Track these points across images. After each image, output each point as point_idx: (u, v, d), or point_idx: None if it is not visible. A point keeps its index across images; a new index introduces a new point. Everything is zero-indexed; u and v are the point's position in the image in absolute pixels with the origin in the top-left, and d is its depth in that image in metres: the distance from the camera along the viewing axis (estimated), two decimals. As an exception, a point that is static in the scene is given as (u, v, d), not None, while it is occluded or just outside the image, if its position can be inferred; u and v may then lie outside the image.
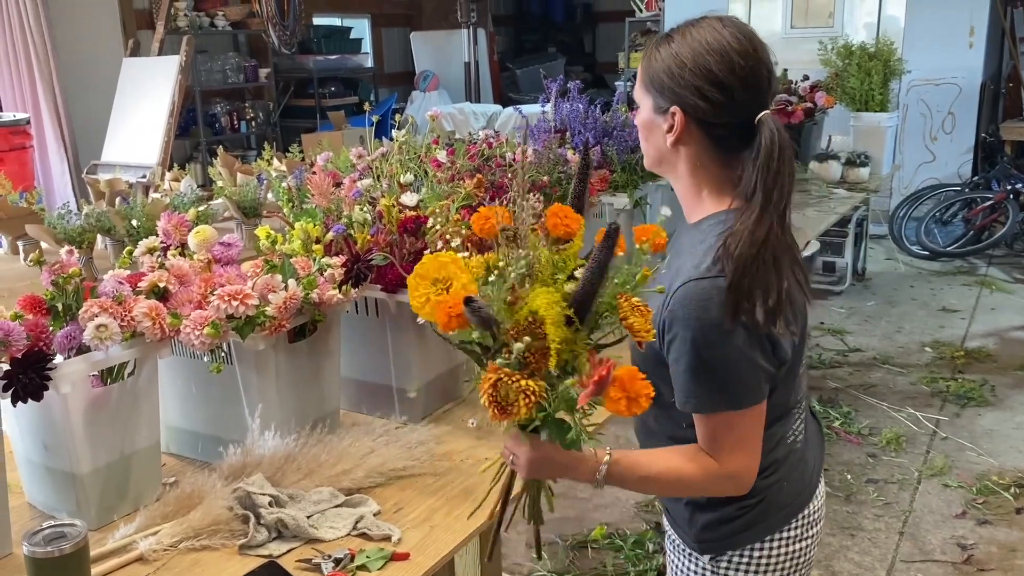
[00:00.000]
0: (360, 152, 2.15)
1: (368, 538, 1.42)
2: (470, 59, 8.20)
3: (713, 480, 1.25)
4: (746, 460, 1.25)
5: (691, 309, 1.18)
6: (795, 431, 1.38)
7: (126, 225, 2.99)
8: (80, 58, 6.17)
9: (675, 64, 1.23)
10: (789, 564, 1.38)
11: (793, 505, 1.38)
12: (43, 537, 1.18)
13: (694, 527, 1.39)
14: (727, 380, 1.20)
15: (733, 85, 1.21)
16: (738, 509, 1.34)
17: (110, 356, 1.41)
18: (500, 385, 1.07)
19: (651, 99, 1.28)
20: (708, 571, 1.41)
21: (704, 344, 1.18)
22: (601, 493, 3.15)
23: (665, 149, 1.29)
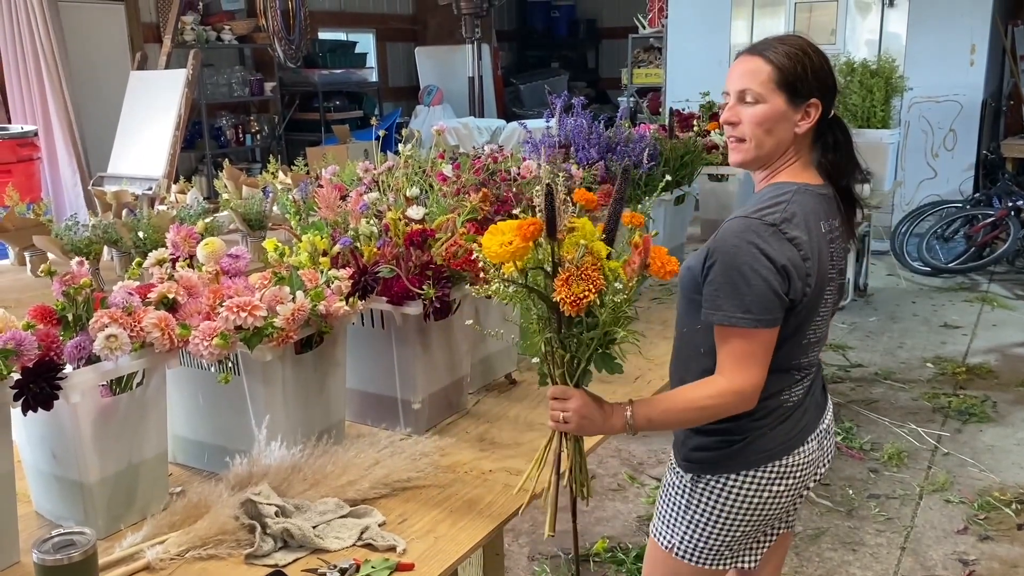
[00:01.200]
0: (367, 166, 2.17)
1: (373, 548, 1.43)
2: (474, 74, 8.25)
3: (721, 396, 1.44)
4: (751, 377, 1.43)
5: (731, 236, 1.42)
6: (792, 391, 1.55)
7: (132, 237, 3.01)
8: (89, 71, 6.22)
9: (810, 63, 1.48)
10: (757, 502, 1.56)
11: (772, 451, 1.54)
12: (52, 545, 1.19)
13: (685, 447, 1.60)
14: (749, 298, 1.40)
15: (836, 82, 1.53)
16: (722, 440, 1.54)
17: (119, 366, 1.43)
18: (571, 280, 1.34)
19: (783, 95, 1.48)
20: (688, 488, 1.61)
21: (735, 264, 1.40)
22: (603, 506, 3.16)
23: (787, 140, 1.51)
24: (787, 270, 1.41)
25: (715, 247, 1.44)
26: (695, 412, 1.48)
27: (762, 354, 1.44)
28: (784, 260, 1.41)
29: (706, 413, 1.48)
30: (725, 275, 1.42)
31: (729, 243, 1.42)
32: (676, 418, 1.51)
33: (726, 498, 1.56)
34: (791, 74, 1.48)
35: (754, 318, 1.40)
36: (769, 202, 1.47)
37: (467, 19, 8.02)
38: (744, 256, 1.40)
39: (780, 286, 1.41)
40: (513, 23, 11.78)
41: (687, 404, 1.47)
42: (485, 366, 2.14)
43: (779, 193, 1.49)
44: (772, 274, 1.40)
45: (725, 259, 1.42)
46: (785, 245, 1.41)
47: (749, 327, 1.41)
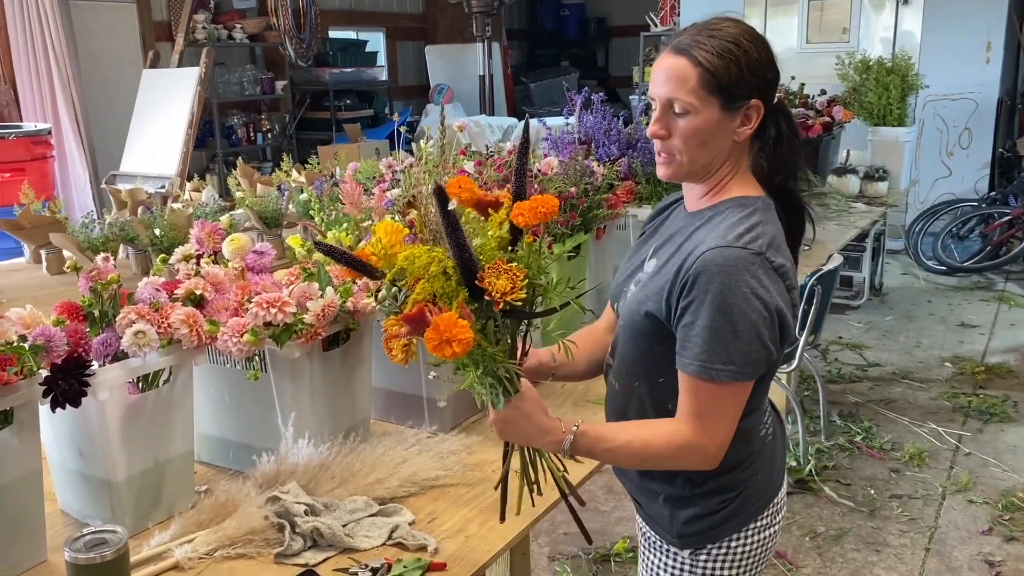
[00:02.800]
0: (389, 162, 2.15)
1: (404, 548, 1.41)
2: (485, 72, 8.23)
3: (680, 450, 1.26)
4: (719, 435, 1.26)
5: (717, 272, 1.20)
6: (766, 424, 1.42)
7: (149, 234, 3.00)
8: (100, 69, 6.22)
9: (745, 58, 1.25)
10: (760, 551, 1.43)
11: (767, 494, 1.42)
12: (84, 543, 1.18)
13: (675, 523, 1.40)
14: (733, 350, 1.21)
15: (778, 70, 1.30)
16: (719, 503, 1.37)
17: (147, 363, 1.41)
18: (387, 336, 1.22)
19: (719, 99, 1.25)
20: (687, 565, 1.42)
21: (722, 307, 1.20)
22: (623, 506, 3.13)
23: (726, 150, 1.30)
24: (781, 314, 1.23)
25: (695, 283, 1.22)
26: (648, 462, 1.32)
27: (734, 409, 1.26)
28: (777, 301, 1.22)
29: (661, 464, 1.32)
30: (711, 318, 1.20)
31: (716, 280, 1.20)
32: (623, 460, 1.34)
33: (732, 562, 1.41)
34: (724, 76, 1.24)
35: (735, 371, 1.21)
36: (743, 224, 1.24)
37: (478, 17, 8.00)
38: (735, 299, 1.19)
39: (770, 336, 1.22)
40: (523, 22, 11.76)
41: (641, 452, 1.28)
42: (509, 364, 2.12)
43: (749, 212, 1.27)
44: (764, 321, 1.20)
45: (712, 299, 1.20)
46: (775, 279, 1.22)
47: (727, 380, 1.22)
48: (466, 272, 1.17)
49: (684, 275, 1.24)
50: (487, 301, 1.17)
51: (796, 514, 3.11)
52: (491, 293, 1.16)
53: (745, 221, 1.26)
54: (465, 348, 1.12)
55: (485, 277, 1.17)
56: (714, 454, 1.27)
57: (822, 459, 3.48)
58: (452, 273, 1.18)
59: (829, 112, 4.56)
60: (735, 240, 1.22)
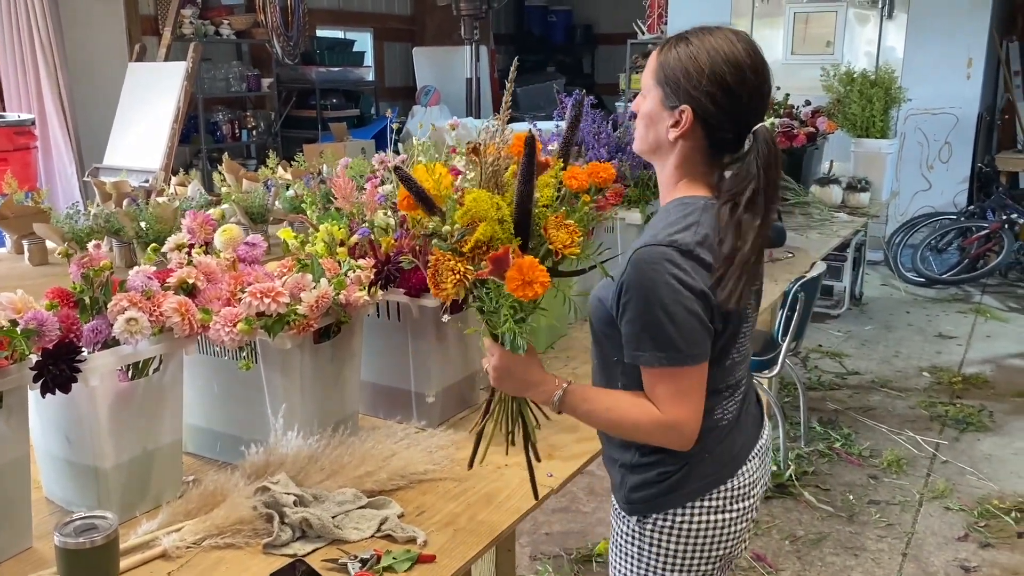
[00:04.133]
0: (382, 158, 2.16)
1: (393, 540, 1.42)
2: (472, 75, 8.24)
3: (654, 426, 1.33)
4: (687, 412, 1.33)
5: (646, 268, 1.29)
6: (725, 409, 1.45)
7: (135, 227, 2.98)
8: (86, 61, 6.18)
9: (692, 67, 1.33)
10: (711, 533, 1.45)
11: (715, 476, 1.45)
12: (74, 528, 1.17)
13: (624, 489, 1.49)
14: (675, 336, 1.29)
15: (742, 96, 1.33)
16: (660, 474, 1.43)
17: (138, 350, 1.41)
18: (439, 266, 1.26)
19: (661, 93, 1.37)
20: (635, 532, 1.49)
21: (654, 300, 1.28)
22: (604, 508, 3.14)
23: (664, 140, 1.39)
24: (706, 296, 1.30)
25: (628, 282, 1.31)
26: (623, 430, 1.39)
27: (697, 388, 1.33)
28: (702, 286, 1.29)
29: (636, 435, 1.39)
30: (646, 313, 1.29)
31: (645, 276, 1.28)
32: (602, 424, 1.43)
33: (678, 536, 1.45)
34: (669, 73, 1.34)
35: (683, 355, 1.29)
36: (678, 223, 1.33)
37: (466, 20, 8.01)
38: (663, 290, 1.27)
39: (705, 314, 1.30)
40: (510, 27, 11.79)
41: (623, 419, 1.36)
42: (496, 362, 2.13)
43: (687, 211, 1.35)
44: (695, 303, 1.28)
45: (642, 294, 1.29)
46: (698, 269, 1.29)
47: (679, 366, 1.30)
48: (523, 222, 1.27)
49: (622, 274, 1.34)
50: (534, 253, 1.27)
51: (776, 518, 3.14)
52: (553, 243, 1.26)
53: (681, 220, 1.34)
54: (544, 290, 1.21)
55: (548, 228, 1.28)
56: (690, 437, 1.35)
57: (802, 464, 3.51)
58: (508, 221, 1.26)
59: (813, 123, 4.61)
60: (664, 238, 1.31)
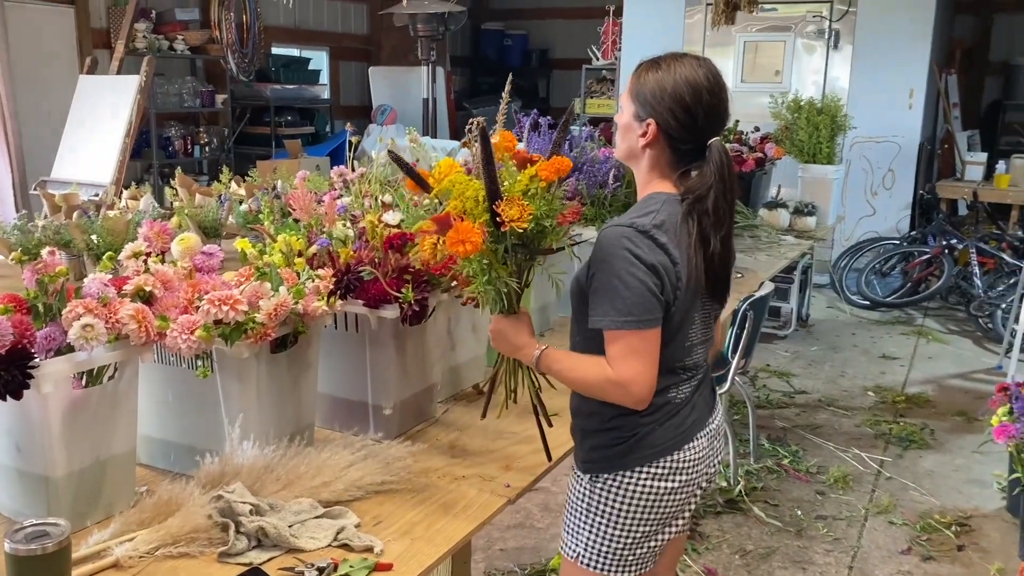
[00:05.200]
0: (341, 170, 2.17)
1: (349, 549, 1.41)
2: (428, 96, 8.28)
3: (607, 383, 1.52)
4: (635, 371, 1.50)
5: (607, 244, 1.52)
6: (680, 389, 1.64)
7: (85, 239, 2.93)
8: (33, 72, 6.06)
9: (658, 87, 1.57)
10: (653, 498, 1.63)
11: (663, 447, 1.62)
12: (25, 535, 1.16)
13: (583, 449, 1.69)
14: (630, 300, 1.49)
15: (698, 114, 1.56)
16: (614, 438, 1.62)
17: (93, 357, 1.39)
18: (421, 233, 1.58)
19: (634, 108, 1.61)
20: (587, 491, 1.67)
21: (612, 270, 1.50)
22: (559, 523, 3.15)
23: (636, 147, 1.62)
24: (657, 270, 1.49)
25: (593, 257, 1.54)
26: (583, 386, 1.58)
27: (647, 351, 1.51)
28: (654, 260, 1.49)
29: (594, 391, 1.57)
30: (605, 281, 1.50)
31: (605, 251, 1.51)
32: (568, 381, 1.61)
33: (623, 496, 1.62)
34: (640, 91, 1.59)
35: (636, 319, 1.49)
36: (641, 211, 1.56)
37: (423, 41, 8.04)
38: (619, 262, 1.49)
39: (655, 286, 1.49)
40: (467, 50, 11.87)
41: (582, 376, 1.56)
42: (454, 375, 2.14)
43: (650, 203, 1.58)
44: (646, 275, 1.49)
45: (603, 267, 1.51)
46: (655, 250, 1.50)
47: (632, 329, 1.49)
48: (491, 199, 1.49)
49: (592, 251, 1.56)
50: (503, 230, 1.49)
51: (726, 532, 3.19)
52: (502, 217, 1.47)
53: (644, 208, 1.57)
54: (473, 249, 1.44)
55: (502, 205, 1.48)
56: (638, 395, 1.52)
57: (751, 480, 3.57)
58: (481, 201, 1.49)
59: (762, 148, 4.73)
60: (626, 221, 1.53)
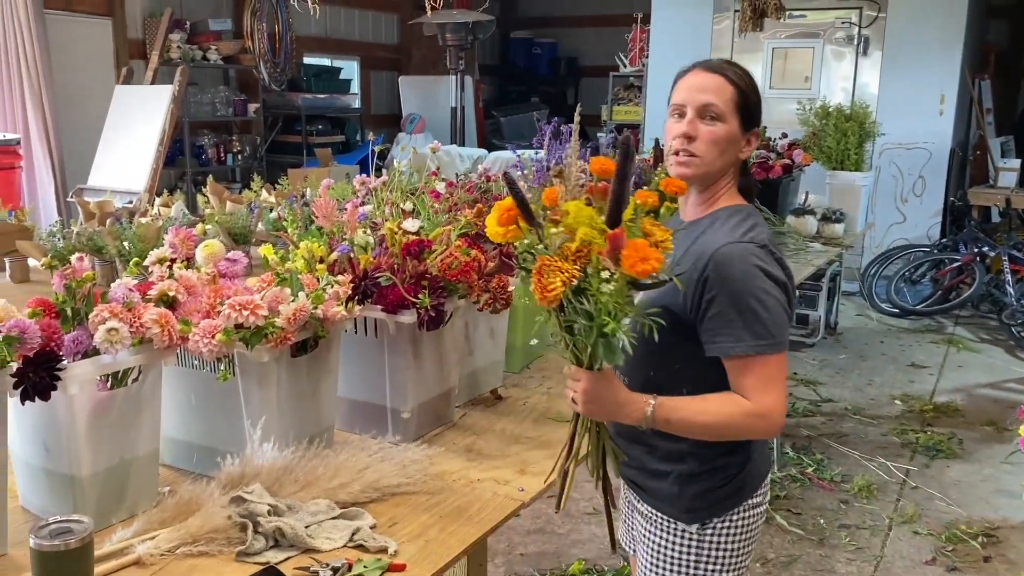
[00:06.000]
0: (363, 178, 2.21)
1: (364, 550, 1.44)
2: (456, 104, 8.35)
3: (749, 418, 1.39)
4: (776, 398, 1.40)
5: (733, 265, 1.40)
6: None
7: (117, 245, 3.01)
8: (72, 83, 6.21)
9: (756, 95, 1.54)
10: (755, 525, 1.57)
11: (762, 473, 1.57)
12: (49, 531, 1.20)
13: (683, 499, 1.55)
14: (769, 322, 1.39)
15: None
16: (724, 477, 1.53)
17: (118, 360, 1.44)
18: (544, 270, 1.28)
19: (739, 120, 1.51)
20: (695, 539, 1.56)
21: (747, 291, 1.39)
22: (579, 529, 3.17)
23: (731, 163, 1.54)
24: (785, 287, 1.43)
25: (714, 279, 1.41)
26: (719, 428, 1.42)
27: (782, 375, 1.42)
28: (781, 276, 1.43)
29: (730, 431, 1.44)
30: (740, 303, 1.39)
31: (734, 270, 1.40)
32: (698, 429, 1.44)
33: (735, 535, 1.54)
34: (749, 99, 1.51)
35: (775, 342, 1.39)
36: (744, 225, 1.47)
37: (452, 51, 8.11)
38: (755, 281, 1.39)
39: (786, 303, 1.43)
40: (495, 58, 11.95)
41: (715, 418, 1.41)
42: (472, 380, 2.17)
43: (744, 216, 1.50)
44: (780, 292, 1.42)
45: (735, 287, 1.39)
46: (776, 265, 1.45)
47: (771, 353, 1.39)
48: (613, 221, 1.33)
49: (703, 273, 1.42)
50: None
51: (748, 542, 3.18)
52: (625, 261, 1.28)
53: (744, 223, 1.48)
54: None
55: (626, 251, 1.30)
56: (778, 422, 1.42)
57: (775, 489, 3.56)
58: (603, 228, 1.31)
59: (789, 155, 4.71)
60: (741, 237, 1.44)
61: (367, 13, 9.44)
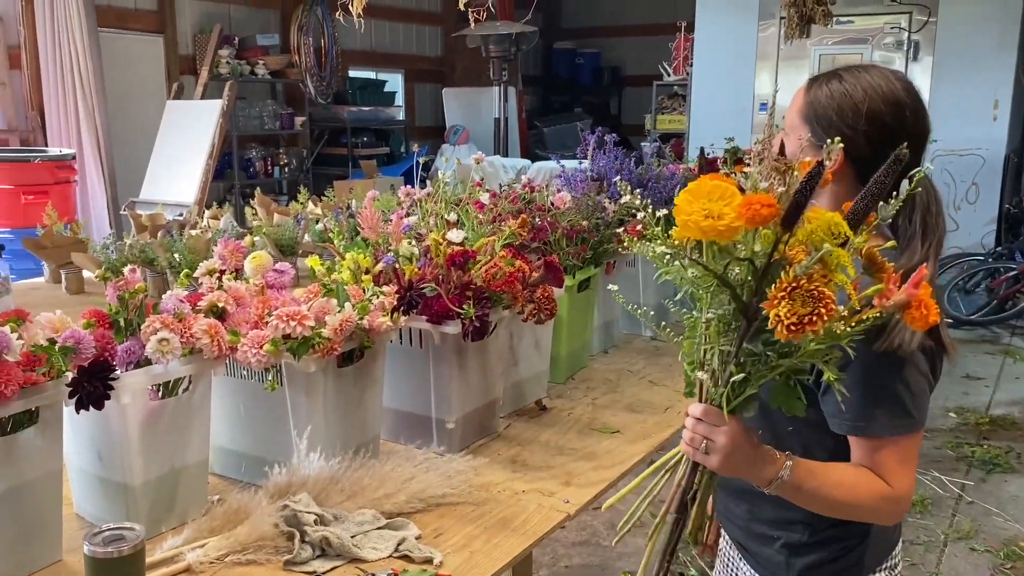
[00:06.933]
0: (408, 190, 2.23)
1: (410, 560, 1.44)
2: (500, 115, 8.39)
3: (880, 501, 1.20)
4: (910, 481, 1.22)
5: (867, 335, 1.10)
6: None
7: (168, 257, 3.07)
8: (125, 98, 6.38)
9: (847, 104, 1.29)
10: None
11: (890, 542, 1.39)
12: (103, 538, 1.22)
13: (792, 570, 1.38)
14: (907, 403, 1.19)
15: (900, 136, 1.19)
16: (841, 549, 1.34)
17: (169, 370, 1.46)
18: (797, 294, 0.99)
19: (809, 131, 1.31)
20: None
21: (887, 367, 1.18)
22: (625, 542, 3.13)
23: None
24: (934, 353, 1.21)
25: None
26: (846, 508, 1.23)
27: (916, 456, 1.23)
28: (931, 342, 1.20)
29: (858, 512, 1.25)
30: (874, 378, 1.17)
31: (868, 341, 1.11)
32: (824, 503, 1.23)
33: None
34: (821, 109, 1.31)
35: (914, 422, 1.20)
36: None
37: (495, 62, 8.17)
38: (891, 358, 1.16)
39: (930, 373, 1.22)
40: (538, 69, 11.99)
41: (848, 495, 1.21)
42: (516, 391, 2.16)
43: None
44: (926, 363, 1.20)
45: (869, 361, 1.15)
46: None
47: (909, 433, 1.20)
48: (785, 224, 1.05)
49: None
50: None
51: (797, 557, 3.12)
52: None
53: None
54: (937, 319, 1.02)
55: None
56: (905, 509, 1.26)
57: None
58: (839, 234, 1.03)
59: (837, 162, 4.64)
60: None
61: (411, 26, 9.54)
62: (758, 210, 0.99)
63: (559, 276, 1.90)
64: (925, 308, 1.01)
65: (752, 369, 1.10)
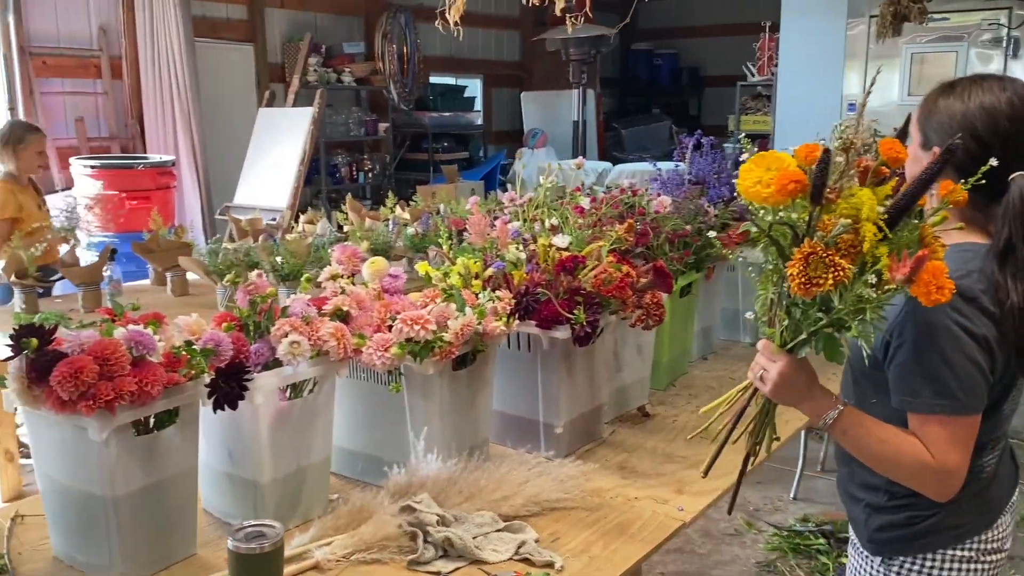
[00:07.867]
0: (511, 195, 2.25)
1: (530, 563, 1.46)
2: (579, 118, 8.37)
3: (922, 469, 1.31)
4: (957, 462, 1.31)
5: (922, 315, 1.28)
6: (986, 463, 1.44)
7: (271, 261, 3.16)
8: (218, 106, 6.59)
9: (947, 115, 1.40)
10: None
11: (971, 526, 1.44)
12: (245, 535, 1.26)
13: (868, 528, 1.50)
14: (953, 382, 1.29)
15: (992, 143, 1.35)
16: (909, 518, 1.44)
17: (298, 372, 1.51)
18: (812, 259, 1.20)
19: (921, 136, 1.44)
20: (879, 573, 1.51)
21: (933, 344, 1.29)
22: (720, 550, 3.10)
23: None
24: (989, 344, 1.30)
25: (903, 325, 1.32)
26: (888, 467, 1.37)
27: (968, 439, 1.32)
28: (986, 333, 1.30)
29: (900, 474, 1.37)
30: (922, 356, 1.30)
31: (924, 321, 1.28)
32: (868, 455, 1.38)
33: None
34: (931, 116, 1.42)
35: (959, 404, 1.29)
36: (960, 270, 1.29)
37: (574, 65, 8.15)
38: (944, 336, 1.28)
39: (986, 363, 1.30)
40: (615, 71, 11.93)
41: (891, 453, 1.34)
42: (619, 397, 2.16)
43: (966, 258, 1.35)
44: (977, 351, 1.29)
45: (920, 339, 1.29)
46: (985, 320, 1.30)
47: (953, 414, 1.30)
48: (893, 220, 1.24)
49: (896, 318, 1.32)
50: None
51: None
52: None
53: (961, 267, 1.31)
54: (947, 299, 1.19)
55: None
56: (951, 486, 1.33)
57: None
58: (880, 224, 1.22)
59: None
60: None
61: (490, 32, 9.61)
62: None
63: (668, 281, 1.90)
64: (931, 286, 1.17)
65: (802, 318, 1.30)
